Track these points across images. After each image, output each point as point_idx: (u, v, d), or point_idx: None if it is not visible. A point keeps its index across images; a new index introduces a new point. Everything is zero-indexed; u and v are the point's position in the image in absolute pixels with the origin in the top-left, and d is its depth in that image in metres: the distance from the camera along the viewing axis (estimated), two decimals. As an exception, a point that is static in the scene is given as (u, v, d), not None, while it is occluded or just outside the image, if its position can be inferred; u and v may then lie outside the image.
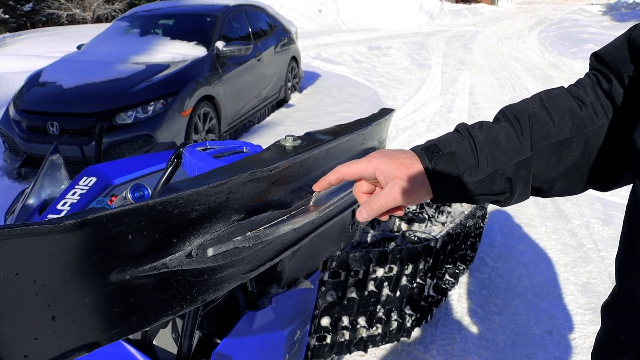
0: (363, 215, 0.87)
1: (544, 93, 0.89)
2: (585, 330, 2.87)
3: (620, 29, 17.02)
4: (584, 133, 0.83)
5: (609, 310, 0.79)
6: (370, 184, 0.91)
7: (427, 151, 0.86)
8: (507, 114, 0.88)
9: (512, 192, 0.86)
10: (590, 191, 3.40)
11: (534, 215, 4.35)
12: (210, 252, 0.84)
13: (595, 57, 0.88)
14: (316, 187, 0.96)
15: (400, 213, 0.90)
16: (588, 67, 0.93)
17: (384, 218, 0.90)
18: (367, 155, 0.88)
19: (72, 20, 19.66)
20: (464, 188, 0.85)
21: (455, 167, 0.85)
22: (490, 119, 0.92)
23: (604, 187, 0.91)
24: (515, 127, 0.85)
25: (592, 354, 0.81)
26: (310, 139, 1.13)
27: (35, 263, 0.64)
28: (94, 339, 0.71)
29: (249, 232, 0.90)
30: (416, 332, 2.78)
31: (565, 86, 0.91)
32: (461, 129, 0.89)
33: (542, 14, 26.26)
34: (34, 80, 5.35)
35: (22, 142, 4.87)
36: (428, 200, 0.89)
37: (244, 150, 1.77)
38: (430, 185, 0.85)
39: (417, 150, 0.88)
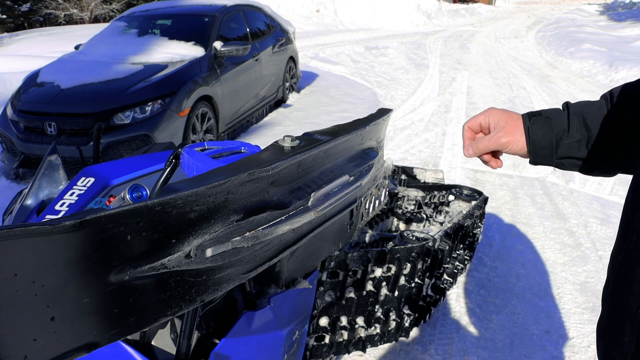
0: (469, 151, 1.06)
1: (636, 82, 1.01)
2: (583, 330, 2.87)
3: (617, 28, 17.07)
4: None
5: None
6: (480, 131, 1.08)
7: (530, 113, 1.02)
8: (605, 94, 1.00)
9: (598, 159, 0.98)
10: (588, 191, 3.43)
11: (532, 215, 4.36)
12: (209, 252, 0.84)
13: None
14: (468, 154, 1.08)
15: (495, 165, 1.08)
16: (585, 66, 0.99)
17: (486, 158, 1.06)
18: (485, 110, 1.06)
19: (70, 21, 19.63)
20: (554, 149, 0.98)
21: (549, 129, 0.98)
22: None
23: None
24: (607, 102, 0.98)
25: None
26: (309, 139, 1.13)
27: (34, 264, 0.64)
28: (93, 339, 0.71)
29: (248, 233, 0.91)
30: (415, 332, 2.78)
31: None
32: (564, 103, 1.02)
33: (539, 13, 26.29)
34: (31, 80, 5.34)
35: (19, 143, 4.85)
36: (525, 160, 1.05)
37: (242, 150, 1.77)
38: (525, 141, 1.00)
39: (523, 113, 1.03)
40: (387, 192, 2.42)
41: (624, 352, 0.72)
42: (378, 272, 2.18)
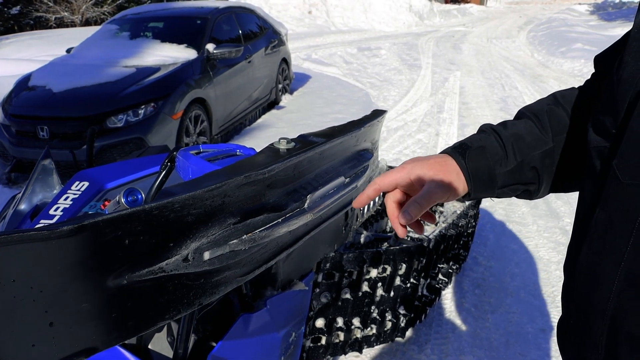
0: (406, 217, 0.87)
1: (557, 93, 0.97)
2: (577, 328, 2.88)
3: (607, 28, 17.17)
4: None
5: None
6: (403, 192, 0.94)
7: (458, 149, 0.92)
8: (525, 112, 0.96)
9: (540, 182, 0.93)
10: (581, 189, 3.32)
11: (525, 214, 4.38)
12: (206, 255, 0.84)
13: (595, 60, 0.95)
14: (356, 204, 0.96)
15: (432, 221, 0.94)
16: (576, 66, 0.99)
17: (420, 231, 0.93)
18: (401, 164, 0.92)
19: (61, 24, 19.55)
20: (495, 179, 0.91)
21: (486, 159, 0.91)
22: (481, 120, 0.99)
23: None
24: (535, 122, 0.93)
25: None
26: (304, 142, 1.14)
27: (32, 269, 0.64)
28: (92, 344, 0.71)
29: (245, 235, 0.91)
30: (410, 332, 2.79)
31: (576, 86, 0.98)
32: (485, 128, 0.96)
33: (530, 13, 26.42)
34: (22, 84, 5.31)
35: (11, 147, 4.83)
36: (461, 198, 0.94)
37: (238, 153, 1.76)
38: (465, 179, 0.90)
39: (447, 151, 0.93)
40: (381, 194, 2.42)
41: (597, 348, 0.72)
42: (373, 272, 2.19)
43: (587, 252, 0.74)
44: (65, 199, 1.98)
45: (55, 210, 1.92)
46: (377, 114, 1.64)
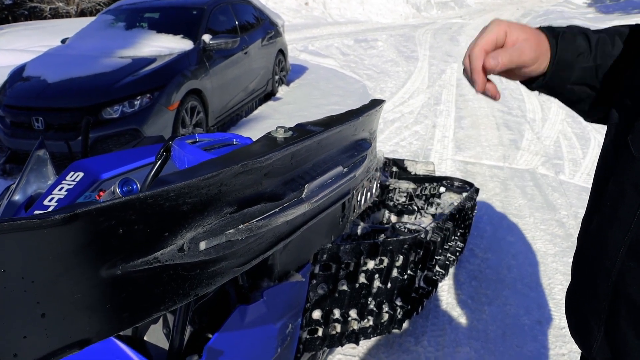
0: (493, 61, 0.86)
1: (619, 25, 0.97)
2: (574, 320, 2.88)
3: (605, 21, 17.13)
4: None
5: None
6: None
7: (550, 30, 0.91)
8: (611, 29, 0.94)
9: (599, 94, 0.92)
10: (577, 182, 3.45)
11: (522, 206, 4.38)
12: (202, 245, 0.83)
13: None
14: (480, 87, 0.92)
15: (493, 92, 0.93)
16: None
17: (495, 95, 0.92)
18: (491, 23, 0.90)
19: (56, 14, 19.41)
20: (573, 70, 0.90)
21: (574, 47, 0.90)
22: (478, 112, 0.97)
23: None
24: (620, 38, 0.91)
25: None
26: (302, 130, 1.12)
27: (24, 259, 0.62)
28: (85, 336, 0.69)
29: (242, 225, 0.89)
30: (407, 324, 2.79)
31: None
32: (570, 27, 0.95)
33: (528, 5, 26.35)
34: (17, 75, 5.27)
35: (6, 138, 4.80)
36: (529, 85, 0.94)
37: (234, 142, 1.75)
38: (550, 58, 0.89)
39: (541, 28, 0.92)
40: (378, 185, 2.41)
41: (599, 314, 0.76)
42: (370, 264, 2.18)
43: (598, 221, 0.78)
44: (60, 190, 1.96)
45: (50, 200, 1.90)
46: (375, 103, 1.62)
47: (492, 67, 0.86)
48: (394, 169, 3.71)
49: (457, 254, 3.22)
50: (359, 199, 2.12)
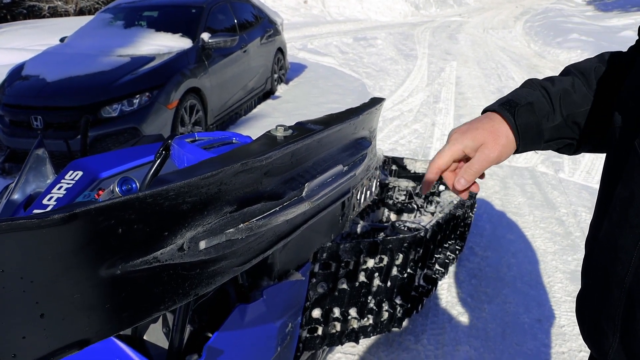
0: (462, 183, 0.92)
1: (606, 53, 0.97)
2: (574, 318, 2.88)
3: (604, 18, 17.14)
4: None
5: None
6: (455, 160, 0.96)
7: (506, 106, 0.93)
8: (572, 70, 0.96)
9: (588, 137, 0.94)
10: (577, 180, 3.44)
11: (521, 204, 4.37)
12: (202, 245, 0.83)
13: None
14: (423, 192, 0.99)
15: (476, 189, 0.97)
16: (572, 56, 0.98)
17: (475, 189, 0.96)
18: (450, 139, 0.94)
19: (54, 13, 19.38)
20: (542, 134, 0.93)
21: (534, 115, 0.91)
22: (477, 110, 0.97)
23: None
24: (582, 80, 0.93)
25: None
26: (302, 129, 1.12)
27: (22, 259, 0.62)
28: (85, 336, 0.69)
29: (242, 224, 0.89)
30: (407, 322, 2.79)
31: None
32: (531, 83, 0.97)
33: (527, 3, 26.33)
34: (16, 73, 5.26)
35: (5, 137, 4.80)
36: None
37: (234, 141, 1.74)
38: (514, 137, 0.92)
39: (493, 108, 0.94)
40: (378, 183, 2.41)
41: (613, 321, 0.74)
42: (370, 263, 2.17)
43: (607, 226, 0.76)
44: (59, 189, 1.96)
45: (49, 200, 1.90)
46: (375, 101, 1.62)
47: (462, 188, 0.93)
48: (394, 167, 3.71)
49: (457, 252, 3.21)
50: (358, 197, 2.12)
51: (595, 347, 0.81)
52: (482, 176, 0.97)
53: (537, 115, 0.92)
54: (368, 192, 2.24)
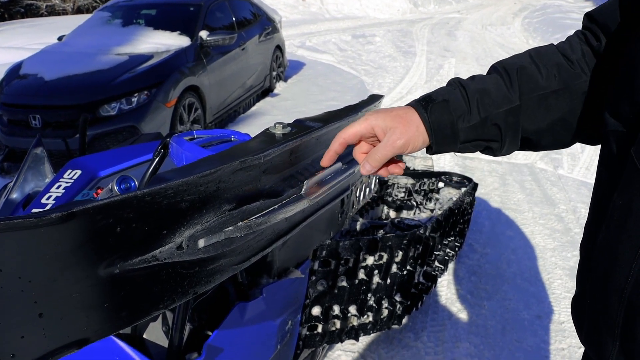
0: (366, 168, 0.91)
1: (533, 50, 0.95)
2: (573, 314, 2.89)
3: (602, 14, 17.08)
4: (570, 86, 0.88)
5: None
6: (369, 143, 0.94)
7: (422, 102, 0.91)
8: (497, 67, 0.94)
9: (502, 140, 0.92)
10: (576, 176, 3.45)
11: (521, 201, 4.37)
12: (201, 243, 0.82)
13: (588, 16, 0.93)
14: (325, 163, 0.97)
15: (399, 171, 0.95)
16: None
17: (384, 173, 0.93)
18: (365, 115, 0.91)
19: (52, 12, 19.35)
20: (457, 134, 0.90)
21: (449, 113, 0.89)
22: None
23: (592, 141, 0.96)
24: (504, 79, 0.91)
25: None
26: (300, 126, 1.11)
27: (20, 258, 0.61)
28: (84, 335, 0.69)
29: (241, 222, 0.88)
30: (407, 320, 2.79)
31: (555, 43, 0.96)
32: (453, 81, 0.94)
33: (525, 0, 26.31)
34: (14, 72, 5.25)
35: (3, 136, 4.79)
36: (424, 150, 0.94)
37: (232, 139, 1.74)
38: (427, 132, 0.90)
39: (411, 103, 0.92)
40: (377, 180, 2.41)
41: (613, 328, 0.74)
42: (370, 260, 2.17)
43: (605, 235, 0.75)
44: (58, 188, 1.95)
45: (48, 199, 1.89)
46: (374, 98, 1.61)
47: (368, 173, 0.91)
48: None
49: (456, 249, 3.21)
50: (357, 194, 2.11)
51: (595, 353, 0.81)
52: (400, 169, 0.95)
53: (452, 114, 0.89)
54: (367, 190, 2.24)
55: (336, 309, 2.13)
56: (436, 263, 2.83)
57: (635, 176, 0.68)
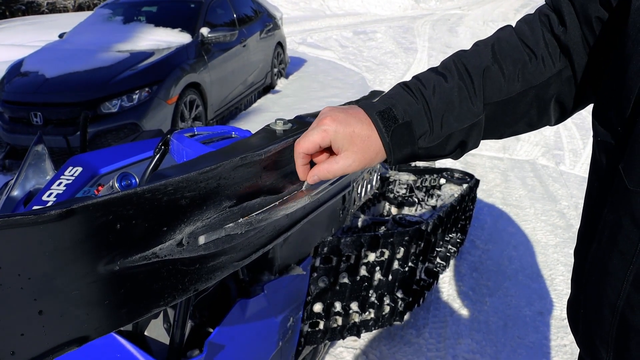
0: (315, 179, 0.87)
1: (496, 43, 0.89)
2: (575, 310, 2.88)
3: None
4: (533, 87, 0.85)
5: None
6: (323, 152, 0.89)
7: (383, 118, 0.84)
8: (459, 67, 0.87)
9: (463, 149, 0.90)
10: (578, 172, 3.44)
11: (522, 197, 4.37)
12: (201, 240, 0.82)
13: None
14: (309, 180, 0.90)
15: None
16: None
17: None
18: (319, 121, 0.85)
19: (53, 9, 19.33)
20: (417, 153, 0.87)
21: (411, 135, 0.85)
22: None
23: (551, 124, 0.93)
24: (467, 86, 0.85)
25: None
26: (301, 122, 1.11)
27: (19, 256, 0.61)
28: (84, 332, 0.68)
29: (241, 219, 0.88)
30: (408, 316, 2.79)
31: (514, 25, 0.91)
32: (413, 88, 0.88)
33: (526, -4, 26.19)
34: (15, 70, 5.25)
35: (4, 134, 4.79)
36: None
37: (233, 135, 1.73)
38: (385, 153, 0.86)
39: (371, 114, 0.85)
40: (378, 176, 2.40)
41: (607, 339, 0.74)
42: (371, 256, 2.17)
43: (597, 248, 0.74)
44: (59, 185, 1.95)
45: (49, 196, 1.89)
46: (376, 94, 1.61)
47: (313, 183, 0.87)
48: (394, 161, 3.70)
49: (458, 245, 3.21)
50: (359, 191, 2.11)
51: (589, 358, 0.81)
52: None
53: (414, 136, 0.85)
54: (368, 186, 2.23)
55: (338, 306, 2.13)
56: (438, 259, 2.83)
57: (624, 195, 0.67)
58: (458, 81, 0.86)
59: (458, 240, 3.21)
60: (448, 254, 2.97)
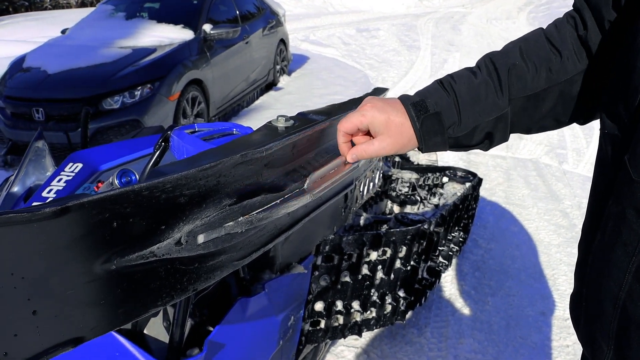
0: (353, 158, 0.96)
1: (523, 43, 0.95)
2: (578, 310, 2.86)
3: (608, 8, 16.97)
4: (558, 83, 0.90)
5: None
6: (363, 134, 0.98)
7: (416, 108, 0.93)
8: (487, 65, 0.95)
9: (491, 141, 0.97)
10: (581, 171, 3.42)
11: (525, 197, 4.35)
12: (200, 238, 0.80)
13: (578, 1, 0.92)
14: (349, 158, 0.98)
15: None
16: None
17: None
18: (361, 107, 0.94)
19: (56, 5, 19.32)
20: (446, 142, 0.95)
21: (440, 125, 0.92)
22: None
23: (580, 122, 0.99)
24: (494, 81, 0.92)
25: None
26: (303, 119, 1.09)
27: (13, 254, 0.59)
28: (79, 333, 0.67)
29: (241, 217, 0.86)
30: (410, 315, 2.77)
31: (545, 27, 0.97)
32: (446, 83, 0.96)
33: (530, -6, 26.12)
34: (17, 65, 5.24)
35: (6, 129, 4.79)
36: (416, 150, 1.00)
37: (234, 132, 1.72)
38: (416, 140, 0.94)
39: (406, 104, 0.94)
40: (381, 175, 2.38)
41: (608, 334, 0.75)
42: (373, 255, 2.15)
43: (600, 240, 0.75)
44: (59, 181, 1.94)
45: (49, 192, 1.88)
46: (378, 92, 1.59)
47: (352, 161, 0.98)
48: (397, 159, 3.68)
49: (460, 244, 3.19)
50: (361, 189, 2.09)
51: (591, 355, 0.82)
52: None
53: (444, 125, 0.92)
54: (371, 184, 2.21)
55: (339, 305, 2.12)
56: (440, 258, 2.81)
57: (629, 186, 0.68)
58: (486, 77, 0.93)
59: (460, 239, 3.19)
60: (450, 253, 2.95)
